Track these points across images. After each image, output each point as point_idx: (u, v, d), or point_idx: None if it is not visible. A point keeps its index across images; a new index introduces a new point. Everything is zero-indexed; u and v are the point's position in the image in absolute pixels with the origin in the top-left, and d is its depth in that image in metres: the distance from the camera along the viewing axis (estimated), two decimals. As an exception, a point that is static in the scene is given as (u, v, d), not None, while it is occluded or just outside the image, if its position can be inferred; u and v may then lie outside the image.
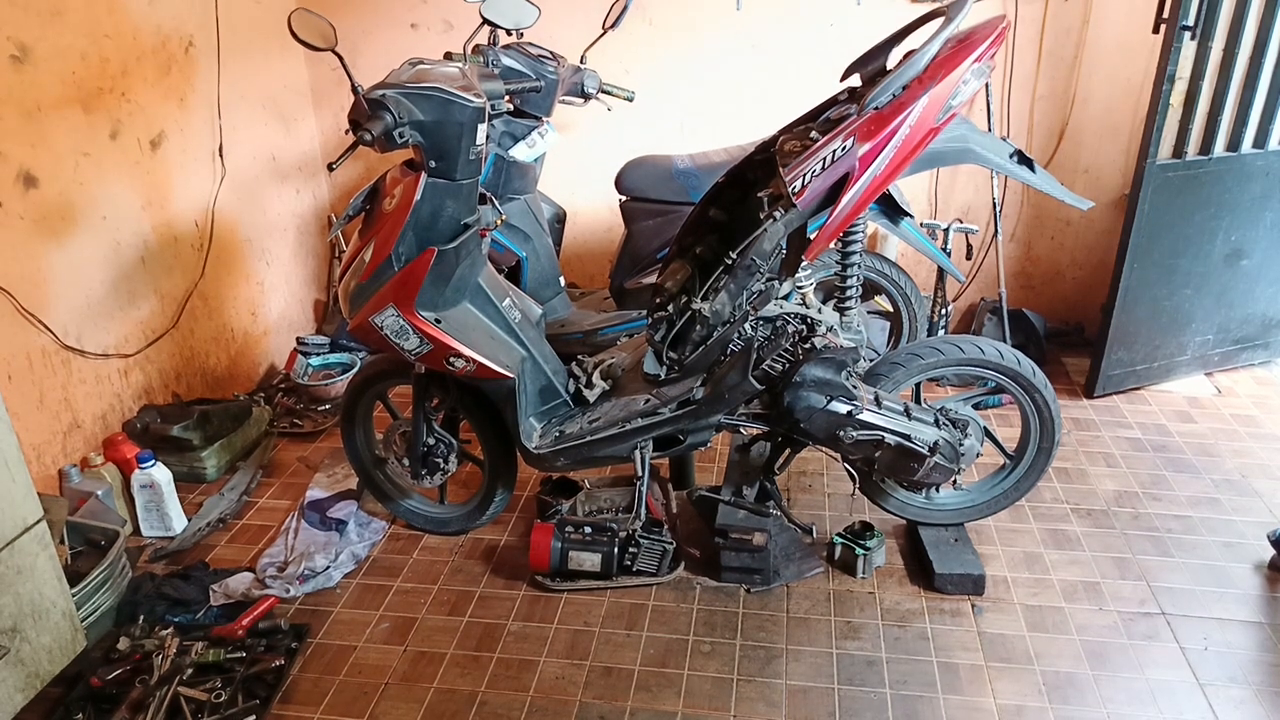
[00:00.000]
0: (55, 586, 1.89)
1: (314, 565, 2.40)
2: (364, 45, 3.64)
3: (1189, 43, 2.74)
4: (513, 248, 3.01)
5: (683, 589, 2.32)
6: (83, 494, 2.50)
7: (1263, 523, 2.51)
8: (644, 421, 2.20)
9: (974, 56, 1.93)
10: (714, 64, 3.53)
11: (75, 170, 2.60)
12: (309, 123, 3.81)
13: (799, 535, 2.47)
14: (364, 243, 2.13)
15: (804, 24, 3.43)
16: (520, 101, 2.85)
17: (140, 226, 2.87)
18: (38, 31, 2.45)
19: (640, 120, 3.56)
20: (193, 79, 3.07)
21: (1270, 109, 2.92)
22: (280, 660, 2.05)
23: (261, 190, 3.49)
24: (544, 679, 2.05)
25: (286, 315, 3.70)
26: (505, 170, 2.92)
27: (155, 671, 1.99)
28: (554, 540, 2.32)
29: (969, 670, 2.03)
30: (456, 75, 2.05)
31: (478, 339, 2.18)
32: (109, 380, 2.77)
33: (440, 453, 2.41)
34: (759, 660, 2.08)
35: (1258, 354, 3.36)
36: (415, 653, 2.15)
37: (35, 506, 1.84)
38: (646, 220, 2.93)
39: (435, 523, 2.60)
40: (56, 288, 2.55)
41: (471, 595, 2.34)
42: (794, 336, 2.12)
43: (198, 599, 2.30)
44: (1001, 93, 3.41)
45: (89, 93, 2.64)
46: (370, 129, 1.90)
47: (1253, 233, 3.06)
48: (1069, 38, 3.34)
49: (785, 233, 2.03)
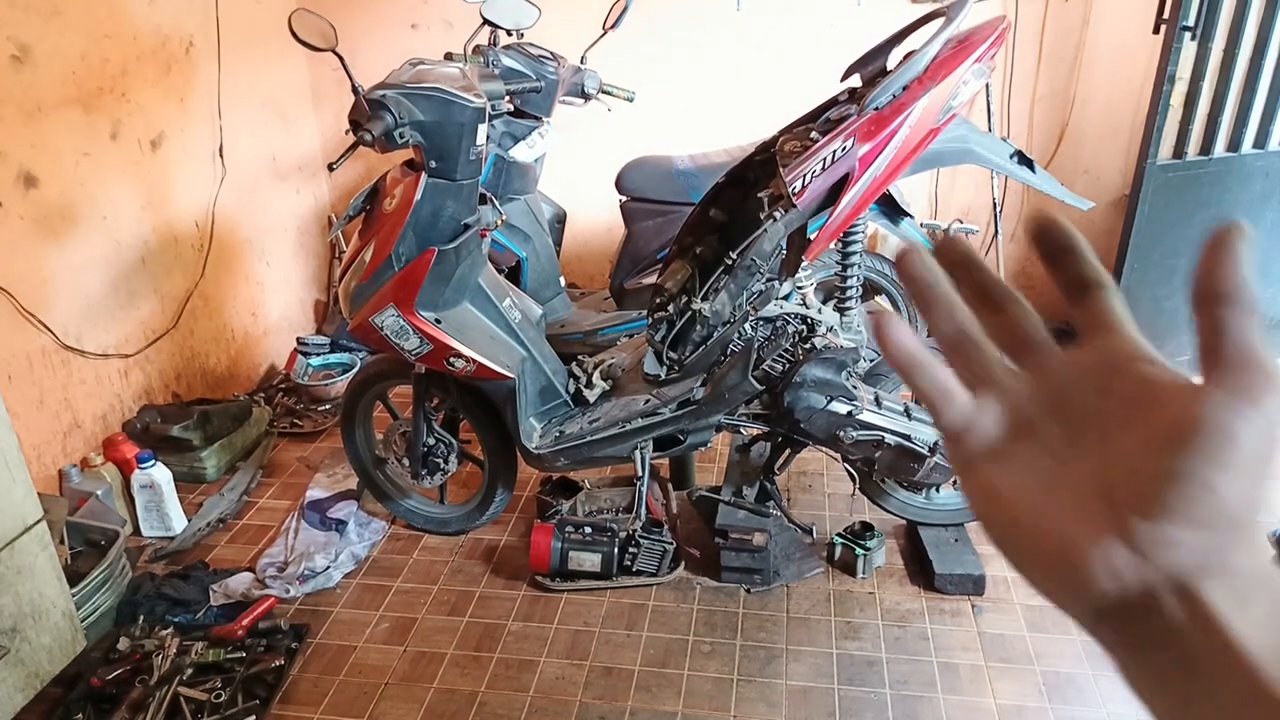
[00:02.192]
0: (55, 586, 1.89)
1: (314, 565, 2.40)
2: (364, 45, 3.64)
3: (1189, 43, 2.74)
4: (513, 248, 3.01)
5: (683, 589, 2.32)
6: (83, 494, 2.50)
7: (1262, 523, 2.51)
8: (644, 422, 2.20)
9: (974, 57, 1.93)
10: (714, 64, 3.53)
11: (75, 170, 2.60)
12: (309, 123, 3.81)
13: (799, 535, 2.47)
14: (364, 243, 2.13)
15: (804, 24, 3.43)
16: (520, 102, 2.85)
17: (140, 226, 2.86)
18: (38, 31, 2.45)
19: (640, 120, 3.56)
20: (193, 79, 3.07)
21: (1270, 109, 2.92)
22: (280, 660, 2.05)
23: (261, 190, 3.49)
24: (544, 679, 2.05)
25: (286, 315, 3.70)
26: (505, 170, 2.92)
27: (155, 671, 1.98)
28: (554, 540, 2.32)
29: (969, 670, 2.03)
30: (457, 75, 2.05)
31: (478, 339, 2.18)
32: (109, 380, 2.77)
33: (440, 453, 2.40)
34: (759, 660, 2.08)
35: (1258, 354, 3.36)
36: (415, 653, 2.15)
37: (35, 506, 1.84)
38: (646, 220, 2.93)
39: (435, 523, 2.60)
40: (56, 288, 2.55)
41: (471, 595, 2.34)
42: (794, 337, 2.12)
43: (198, 599, 2.29)
44: (1001, 93, 3.41)
45: (89, 93, 2.64)
46: (370, 129, 1.90)
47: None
48: (1069, 38, 3.34)
49: (785, 233, 2.02)
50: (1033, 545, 0.34)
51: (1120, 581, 0.32)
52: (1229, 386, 0.31)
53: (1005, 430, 0.37)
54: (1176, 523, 0.31)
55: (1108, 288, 0.37)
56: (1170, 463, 0.31)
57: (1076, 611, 0.34)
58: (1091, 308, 0.38)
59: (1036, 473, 0.35)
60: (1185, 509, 0.31)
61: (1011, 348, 0.39)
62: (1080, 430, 0.35)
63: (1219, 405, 0.31)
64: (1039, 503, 0.34)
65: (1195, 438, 0.31)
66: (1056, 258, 0.38)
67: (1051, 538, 0.33)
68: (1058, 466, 0.35)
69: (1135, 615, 0.32)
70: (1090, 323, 0.37)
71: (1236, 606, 0.31)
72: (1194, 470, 0.31)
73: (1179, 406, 0.32)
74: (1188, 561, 0.31)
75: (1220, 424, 0.31)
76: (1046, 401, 0.37)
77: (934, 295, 0.39)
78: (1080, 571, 0.32)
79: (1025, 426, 0.37)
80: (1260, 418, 0.31)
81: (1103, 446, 0.34)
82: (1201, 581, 0.31)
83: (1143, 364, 0.35)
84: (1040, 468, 0.35)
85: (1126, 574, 0.32)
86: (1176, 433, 0.31)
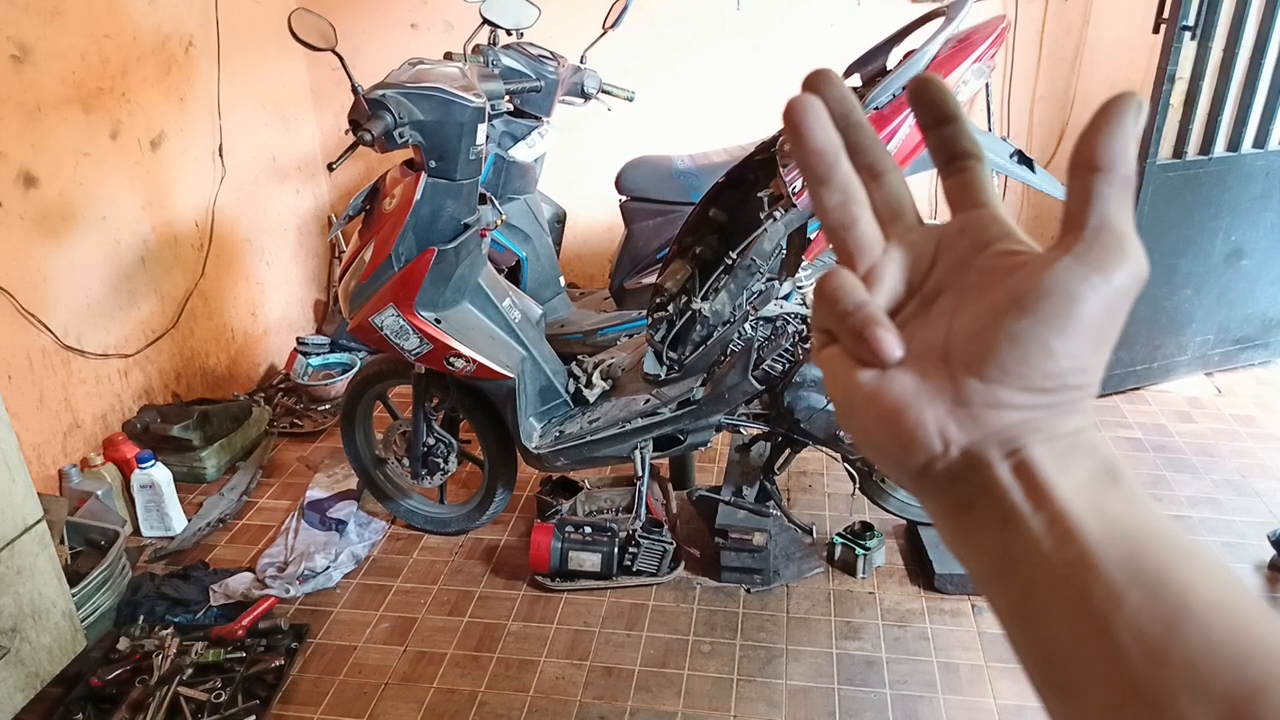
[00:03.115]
0: (55, 586, 1.89)
1: (314, 565, 2.40)
2: (364, 45, 3.64)
3: (1189, 43, 2.74)
4: (513, 248, 3.01)
5: (683, 589, 2.32)
6: (83, 494, 2.50)
7: (1263, 523, 2.50)
8: (644, 421, 2.20)
9: (974, 56, 1.93)
10: (714, 64, 3.53)
11: (75, 170, 2.60)
12: (309, 123, 3.81)
13: (799, 535, 2.47)
14: (364, 243, 2.13)
15: (804, 24, 3.43)
16: (520, 101, 2.85)
17: (140, 226, 2.86)
18: (38, 31, 2.45)
19: (640, 120, 3.56)
20: (193, 79, 3.07)
21: (1270, 109, 2.92)
22: (280, 660, 2.05)
23: (261, 190, 3.49)
24: (544, 679, 2.05)
25: (286, 315, 3.70)
26: (505, 170, 2.92)
27: (155, 671, 1.98)
28: (554, 540, 2.32)
29: (969, 670, 2.03)
30: (456, 75, 2.05)
31: (478, 339, 2.18)
32: (109, 380, 2.77)
33: (440, 453, 2.40)
34: (759, 660, 2.08)
35: (1258, 354, 3.36)
36: (415, 653, 2.15)
37: (35, 506, 1.84)
38: (646, 220, 2.93)
39: (435, 523, 2.60)
40: (56, 288, 2.55)
41: (471, 595, 2.34)
42: (794, 336, 2.12)
43: (198, 599, 2.29)
44: (1001, 93, 3.41)
45: (89, 93, 2.64)
46: (370, 129, 1.90)
47: (1253, 233, 3.06)
48: (1069, 38, 3.34)
49: (785, 233, 2.02)
50: (867, 410, 0.34)
51: (948, 442, 0.32)
52: (1083, 255, 0.31)
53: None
54: (1010, 385, 0.31)
55: (982, 160, 0.37)
56: (1011, 326, 0.31)
57: (904, 472, 0.34)
58: (961, 179, 0.37)
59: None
60: (1020, 371, 0.31)
61: (880, 216, 0.37)
62: (934, 301, 0.35)
63: (1068, 271, 0.31)
64: (883, 372, 0.34)
65: (1039, 302, 0.31)
66: (937, 125, 0.37)
67: (885, 401, 0.33)
68: (908, 337, 0.34)
69: (960, 475, 0.32)
70: (958, 195, 0.37)
71: (1060, 469, 0.31)
72: (1034, 334, 0.31)
73: (1029, 273, 0.32)
74: (1017, 422, 0.32)
75: (1066, 290, 0.31)
76: (907, 275, 0.36)
77: (833, 177, 0.36)
78: (910, 432, 0.32)
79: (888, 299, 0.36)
80: (1108, 288, 0.31)
81: (952, 315, 0.34)
82: (1028, 442, 0.32)
83: (1003, 239, 0.35)
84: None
85: (955, 435, 0.32)
86: (1021, 296, 0.31)
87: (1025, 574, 0.31)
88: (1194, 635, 0.27)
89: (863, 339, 0.34)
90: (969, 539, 0.33)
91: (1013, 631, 0.32)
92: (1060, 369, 0.31)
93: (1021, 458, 0.31)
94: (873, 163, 0.38)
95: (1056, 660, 0.30)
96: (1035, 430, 0.32)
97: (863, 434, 0.35)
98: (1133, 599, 0.28)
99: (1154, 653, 0.28)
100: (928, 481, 0.34)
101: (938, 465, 0.33)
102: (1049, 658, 0.30)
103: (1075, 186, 0.32)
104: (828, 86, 0.37)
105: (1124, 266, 0.31)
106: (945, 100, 0.37)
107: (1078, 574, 0.29)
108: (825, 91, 0.37)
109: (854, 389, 0.34)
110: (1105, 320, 0.31)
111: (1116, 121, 0.31)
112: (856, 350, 0.34)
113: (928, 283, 0.36)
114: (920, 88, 0.37)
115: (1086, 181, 0.32)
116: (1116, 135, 0.31)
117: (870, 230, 0.37)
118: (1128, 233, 0.31)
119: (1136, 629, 0.28)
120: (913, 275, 0.36)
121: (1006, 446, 0.32)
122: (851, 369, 0.34)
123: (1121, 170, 0.31)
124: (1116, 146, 0.31)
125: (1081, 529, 0.30)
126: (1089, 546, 0.29)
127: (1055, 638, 0.30)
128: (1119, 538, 0.30)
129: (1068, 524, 0.30)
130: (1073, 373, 0.31)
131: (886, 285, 0.36)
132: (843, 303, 0.34)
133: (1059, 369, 0.31)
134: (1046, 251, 0.32)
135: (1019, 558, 0.31)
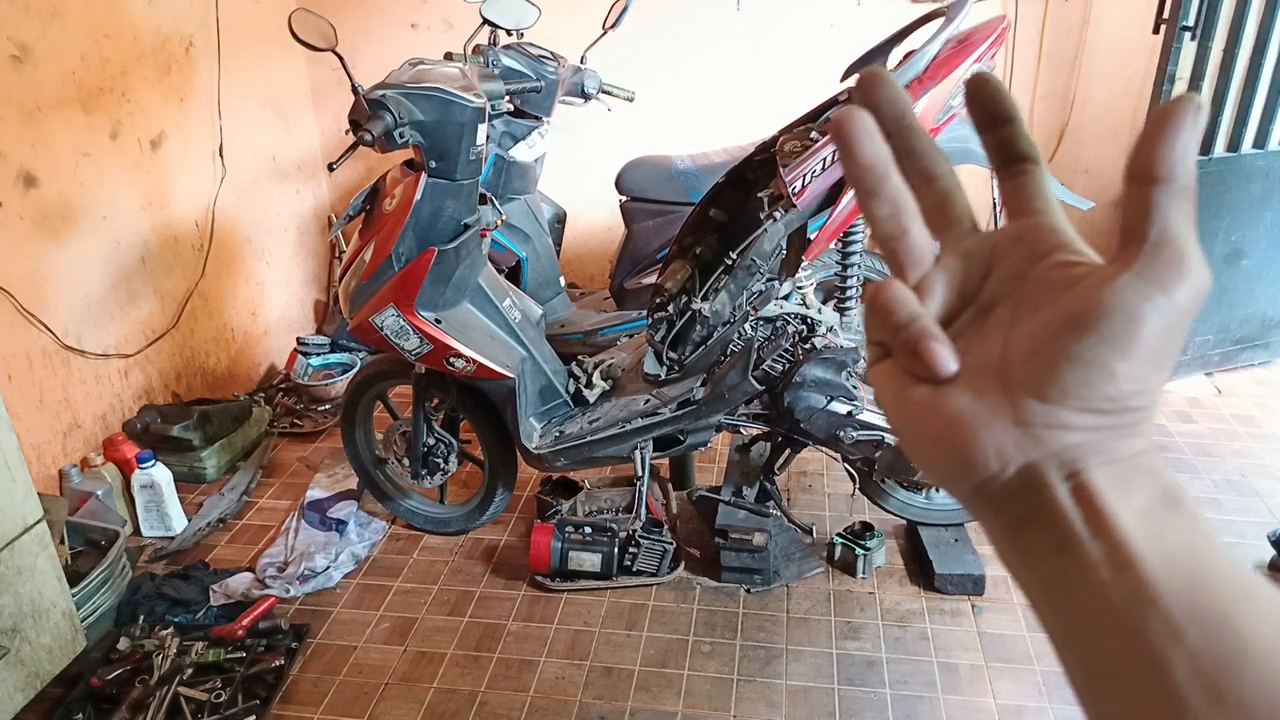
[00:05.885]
0: (55, 586, 1.89)
1: (314, 565, 2.40)
2: (364, 45, 3.64)
3: (1189, 43, 2.74)
4: (513, 248, 3.01)
5: (683, 589, 2.32)
6: (83, 494, 2.50)
7: (1263, 523, 2.50)
8: (644, 421, 2.20)
9: (974, 57, 1.93)
10: (714, 64, 3.53)
11: (75, 170, 2.60)
12: (309, 123, 3.81)
13: (799, 535, 2.47)
14: (364, 243, 2.13)
15: (804, 24, 3.43)
16: (520, 102, 2.85)
17: (140, 226, 2.86)
18: (38, 31, 2.45)
19: (640, 120, 3.56)
20: (193, 79, 3.07)
21: (1270, 109, 2.92)
22: (280, 660, 2.05)
23: (261, 190, 3.49)
24: (544, 679, 2.05)
25: (286, 315, 3.70)
26: (505, 170, 2.92)
27: (155, 671, 1.98)
28: (554, 540, 2.32)
29: (969, 670, 2.03)
30: (456, 75, 2.05)
31: (478, 339, 2.18)
32: (109, 380, 2.77)
33: (440, 453, 2.40)
34: (759, 660, 2.08)
35: (1258, 354, 3.36)
36: (415, 653, 2.15)
37: (35, 506, 1.84)
38: (646, 220, 2.93)
39: (435, 523, 2.60)
40: (56, 288, 2.55)
41: (471, 595, 2.34)
42: (794, 336, 2.12)
43: (198, 599, 2.29)
44: (1001, 93, 3.41)
45: (89, 93, 2.64)
46: (370, 129, 1.90)
47: (1253, 233, 3.06)
48: (1069, 38, 3.34)
49: (785, 233, 2.03)
50: (921, 427, 0.33)
51: (1005, 461, 0.31)
52: (1144, 271, 0.30)
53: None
54: (1070, 406, 0.30)
55: (1040, 165, 0.36)
56: (1072, 345, 0.30)
57: (959, 490, 0.33)
58: (1019, 183, 0.36)
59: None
60: (1081, 393, 0.30)
61: (933, 223, 0.36)
62: (990, 313, 0.34)
63: (1130, 289, 0.30)
64: (937, 387, 0.33)
65: (1100, 321, 0.30)
66: (993, 126, 0.36)
67: (940, 419, 0.32)
68: (963, 350, 0.33)
69: (1017, 495, 0.32)
70: (1015, 200, 0.36)
71: (1120, 495, 0.30)
72: (1095, 354, 0.30)
73: (1088, 288, 0.31)
74: (1078, 444, 0.31)
75: (1128, 308, 0.30)
76: (961, 284, 0.35)
77: (883, 189, 0.35)
78: (966, 451, 0.32)
79: (944, 311, 0.35)
80: (1170, 306, 0.30)
81: (1009, 329, 0.33)
82: (1088, 465, 0.31)
83: (1061, 249, 0.34)
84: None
85: (1014, 454, 0.31)
86: (1081, 315, 0.30)
87: (1080, 600, 0.30)
88: (1253, 677, 0.27)
89: (916, 353, 0.33)
90: (1024, 560, 0.33)
91: (1063, 654, 0.32)
92: (1121, 391, 0.30)
93: (1081, 480, 0.31)
94: (926, 167, 0.37)
95: (1107, 689, 0.30)
96: (1096, 453, 0.31)
97: (917, 450, 0.34)
98: (1191, 635, 0.28)
99: (1212, 692, 0.27)
100: (983, 500, 0.33)
101: (994, 484, 0.32)
102: (1099, 685, 0.30)
103: (1133, 198, 0.31)
104: (881, 88, 0.36)
105: (1186, 283, 0.30)
106: (1001, 100, 0.36)
107: (1135, 606, 0.29)
108: (878, 93, 0.36)
109: (908, 405, 0.34)
110: (1166, 339, 0.30)
111: (1174, 128, 0.30)
112: (910, 365, 0.33)
113: (982, 292, 0.35)
114: (977, 87, 0.36)
115: (1145, 193, 0.30)
116: (1176, 143, 0.30)
117: (922, 240, 0.36)
118: (1190, 247, 0.30)
119: (1194, 666, 0.27)
120: (966, 284, 0.35)
121: (1066, 468, 0.31)
122: (905, 384, 0.34)
123: (1181, 180, 0.30)
124: (1176, 155, 0.30)
125: (1141, 560, 0.29)
126: (1147, 578, 0.29)
127: (1108, 666, 0.29)
128: (1178, 570, 0.29)
129: (1127, 554, 0.29)
130: (1134, 395, 0.30)
131: (939, 296, 0.35)
132: (896, 315, 0.33)
133: (1120, 391, 0.30)
134: (1105, 266, 0.31)
135: (1075, 584, 0.30)
